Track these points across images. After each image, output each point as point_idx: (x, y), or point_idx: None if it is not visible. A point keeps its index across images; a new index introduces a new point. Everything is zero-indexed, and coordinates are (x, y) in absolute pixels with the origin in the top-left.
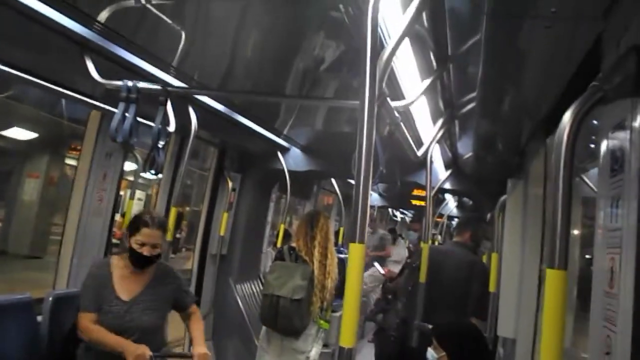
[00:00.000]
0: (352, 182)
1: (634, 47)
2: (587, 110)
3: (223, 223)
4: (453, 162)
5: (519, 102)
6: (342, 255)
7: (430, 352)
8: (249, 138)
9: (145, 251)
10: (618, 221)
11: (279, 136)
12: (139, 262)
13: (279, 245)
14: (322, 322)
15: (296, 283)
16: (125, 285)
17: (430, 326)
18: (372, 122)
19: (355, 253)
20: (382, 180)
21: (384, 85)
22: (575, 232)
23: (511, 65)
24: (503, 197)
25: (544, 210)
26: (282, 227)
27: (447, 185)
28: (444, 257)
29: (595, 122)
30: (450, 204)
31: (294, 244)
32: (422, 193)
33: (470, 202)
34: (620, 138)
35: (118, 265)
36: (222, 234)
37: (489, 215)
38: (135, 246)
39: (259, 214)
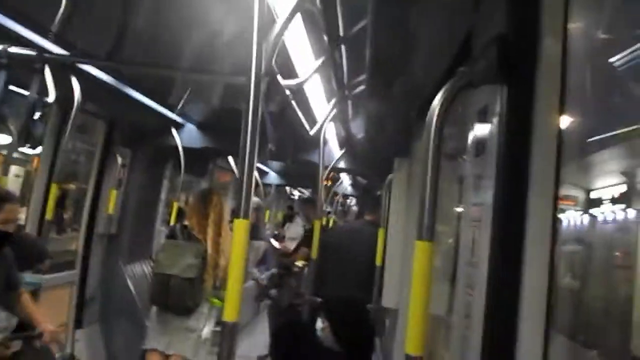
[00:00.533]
0: None
1: (497, 37)
2: (454, 94)
3: (112, 201)
4: (346, 142)
5: (405, 84)
6: None
7: (319, 323)
8: (140, 112)
9: (11, 228)
10: (479, 197)
11: (172, 111)
12: (3, 241)
13: (172, 223)
14: (215, 300)
15: (187, 261)
16: None
17: (319, 300)
18: (258, 98)
19: (240, 228)
20: (272, 157)
21: (273, 62)
22: (455, 208)
23: (397, 48)
24: (390, 175)
25: None
26: (175, 205)
27: (341, 164)
28: (357, 234)
29: None
30: (345, 182)
31: (186, 222)
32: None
33: (365, 182)
34: (484, 120)
35: None
36: (110, 212)
37: (377, 193)
38: None
39: (151, 192)
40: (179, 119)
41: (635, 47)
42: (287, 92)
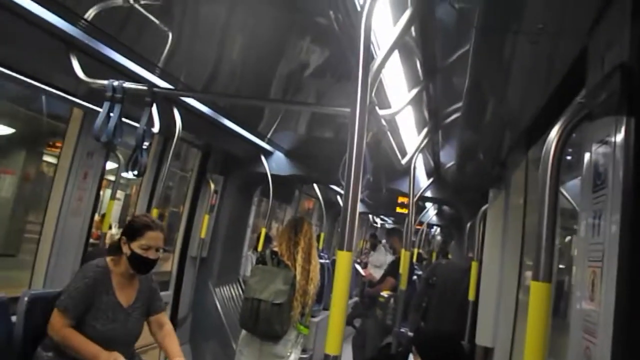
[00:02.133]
0: (335, 188)
1: (619, 65)
2: (572, 127)
3: (204, 225)
4: (435, 171)
5: (502, 113)
6: (322, 261)
7: (411, 358)
8: (232, 141)
9: (152, 255)
10: (600, 235)
11: (262, 139)
12: (144, 267)
13: (259, 249)
14: (301, 327)
15: (277, 287)
16: (123, 291)
17: (410, 333)
18: (363, 129)
19: (343, 261)
20: (368, 187)
21: (373, 94)
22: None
23: (496, 77)
24: (484, 207)
25: (524, 221)
26: (263, 231)
27: (429, 194)
28: (462, 275)
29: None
30: (431, 212)
31: (275, 248)
32: (405, 200)
33: (452, 211)
34: (604, 154)
35: (115, 271)
36: (202, 236)
37: (468, 225)
38: (139, 251)
39: (240, 217)
40: (268, 147)
41: None
42: (384, 122)
